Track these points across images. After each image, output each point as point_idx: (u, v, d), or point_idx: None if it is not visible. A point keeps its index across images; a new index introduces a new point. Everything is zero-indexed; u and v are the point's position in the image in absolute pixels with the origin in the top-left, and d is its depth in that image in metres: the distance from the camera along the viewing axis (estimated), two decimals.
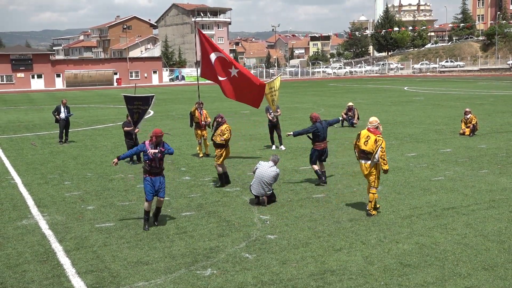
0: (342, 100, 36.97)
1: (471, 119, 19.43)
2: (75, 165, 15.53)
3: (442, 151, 16.43)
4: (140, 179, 13.46)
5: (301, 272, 7.39)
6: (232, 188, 12.30)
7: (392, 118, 25.47)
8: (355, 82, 69.97)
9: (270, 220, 9.82)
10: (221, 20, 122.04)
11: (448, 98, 37.07)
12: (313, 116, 12.55)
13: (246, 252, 8.19)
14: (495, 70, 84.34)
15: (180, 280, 7.24)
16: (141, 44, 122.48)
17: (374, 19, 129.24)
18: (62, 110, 19.75)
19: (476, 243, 8.32)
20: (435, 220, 9.51)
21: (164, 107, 36.37)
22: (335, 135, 20.56)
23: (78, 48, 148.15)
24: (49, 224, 9.85)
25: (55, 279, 7.35)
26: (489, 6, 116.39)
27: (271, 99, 17.14)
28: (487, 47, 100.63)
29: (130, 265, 7.80)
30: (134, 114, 15.23)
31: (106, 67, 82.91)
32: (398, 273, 7.29)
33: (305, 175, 13.44)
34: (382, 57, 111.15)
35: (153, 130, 9.75)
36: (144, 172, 9.66)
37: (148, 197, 9.46)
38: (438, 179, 12.65)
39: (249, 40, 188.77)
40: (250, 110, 31.81)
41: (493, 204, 10.49)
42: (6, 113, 34.73)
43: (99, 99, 48.70)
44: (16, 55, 77.16)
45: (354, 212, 10.19)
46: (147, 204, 9.43)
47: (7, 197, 11.94)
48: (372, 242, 8.50)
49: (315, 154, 12.42)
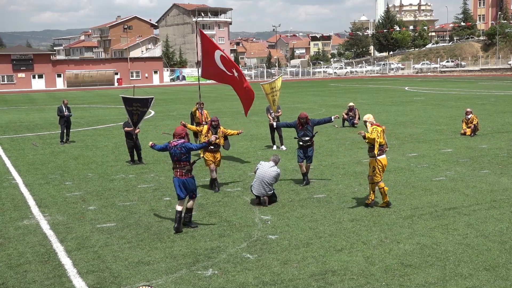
0: (343, 100, 36.98)
1: (472, 119, 19.41)
2: (76, 165, 15.54)
3: (443, 151, 16.43)
4: (141, 179, 13.49)
5: (302, 273, 7.39)
6: (233, 188, 12.30)
7: (393, 118, 25.46)
8: (356, 82, 69.97)
9: (271, 220, 9.82)
10: (221, 20, 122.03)
11: (449, 98, 37.05)
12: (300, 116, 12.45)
13: (247, 253, 8.19)
14: (496, 70, 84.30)
15: (181, 280, 7.24)
16: (142, 44, 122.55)
17: (375, 19, 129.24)
18: (64, 110, 19.78)
19: (477, 244, 8.32)
20: (436, 221, 9.51)
21: (165, 107, 36.37)
22: (336, 135, 20.56)
23: (79, 48, 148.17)
24: (50, 224, 9.85)
25: (56, 279, 7.36)
26: (490, 6, 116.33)
27: (272, 99, 17.13)
28: (488, 47, 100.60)
29: (131, 265, 7.80)
30: (133, 116, 15.25)
31: (107, 67, 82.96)
32: (399, 273, 7.29)
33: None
34: (383, 57, 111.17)
35: (175, 129, 9.62)
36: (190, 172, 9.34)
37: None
38: (439, 179, 12.64)
39: (250, 40, 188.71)
40: (251, 110, 31.81)
41: (494, 204, 10.49)
42: (7, 113, 34.75)
43: (100, 99, 48.72)
44: (17, 55, 77.22)
45: (355, 212, 10.18)
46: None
47: (8, 197, 11.94)
48: (373, 242, 8.50)
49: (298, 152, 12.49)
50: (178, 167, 9.25)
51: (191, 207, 9.45)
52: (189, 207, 9.41)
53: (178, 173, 9.26)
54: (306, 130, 12.28)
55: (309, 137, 12.30)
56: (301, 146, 12.34)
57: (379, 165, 10.24)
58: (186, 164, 9.22)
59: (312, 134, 12.38)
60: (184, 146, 9.21)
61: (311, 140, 12.34)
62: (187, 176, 9.24)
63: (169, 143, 9.46)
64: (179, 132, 9.47)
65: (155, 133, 22.40)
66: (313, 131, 12.45)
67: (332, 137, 20.10)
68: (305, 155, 12.33)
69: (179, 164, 9.24)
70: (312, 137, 12.38)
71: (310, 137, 12.31)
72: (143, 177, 13.72)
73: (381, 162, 10.26)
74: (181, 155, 9.19)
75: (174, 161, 9.33)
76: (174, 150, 9.27)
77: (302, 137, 12.30)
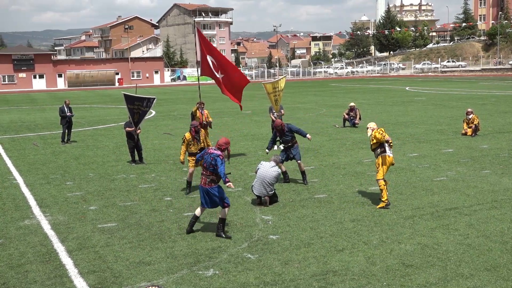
0: (344, 100, 36.97)
1: (473, 119, 19.40)
2: (77, 165, 15.55)
3: (444, 151, 16.42)
4: (142, 179, 13.49)
5: (303, 273, 7.39)
6: (234, 189, 12.28)
7: (393, 118, 25.45)
8: (357, 82, 69.95)
9: (272, 220, 9.82)
10: (222, 20, 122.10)
11: (450, 98, 37.04)
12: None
13: (248, 253, 8.19)
14: (496, 70, 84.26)
15: (182, 280, 7.24)
16: (143, 44, 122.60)
17: (376, 19, 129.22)
18: (65, 110, 19.79)
19: (479, 244, 8.31)
20: (437, 221, 9.51)
21: (165, 107, 36.38)
22: (337, 135, 20.56)
23: (79, 48, 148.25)
24: (51, 224, 9.86)
25: (57, 279, 7.36)
26: (490, 6, 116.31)
27: (274, 99, 17.13)
28: (488, 47, 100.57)
29: (132, 265, 7.80)
30: (135, 115, 15.24)
31: (108, 67, 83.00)
32: (401, 273, 7.28)
33: (307, 175, 13.41)
34: (384, 57, 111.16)
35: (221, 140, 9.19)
36: (214, 182, 8.99)
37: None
38: (440, 180, 12.64)
39: (251, 40, 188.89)
40: (252, 110, 31.83)
41: (495, 204, 10.48)
42: (8, 113, 34.77)
43: (101, 99, 48.73)
44: (18, 55, 77.27)
45: (356, 212, 10.18)
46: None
47: (9, 197, 11.95)
48: (374, 242, 8.50)
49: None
50: (204, 174, 8.98)
51: (223, 217, 8.97)
52: (221, 217, 8.98)
53: (202, 180, 8.99)
54: (285, 135, 12.69)
55: (289, 139, 12.70)
56: (285, 148, 12.78)
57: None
58: (211, 174, 8.89)
59: (291, 136, 12.76)
60: (216, 159, 8.81)
61: (292, 141, 12.72)
62: (210, 185, 8.90)
63: (207, 149, 9.16)
64: (221, 143, 9.08)
65: (155, 133, 22.41)
66: (291, 133, 12.80)
67: (333, 137, 20.10)
68: (289, 156, 12.67)
69: (205, 172, 8.96)
70: (292, 139, 12.71)
71: (290, 139, 12.71)
72: (144, 177, 13.73)
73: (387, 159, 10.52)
74: (210, 165, 8.88)
75: (202, 167, 9.05)
76: (207, 157, 8.98)
77: (284, 142, 12.79)
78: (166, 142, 19.75)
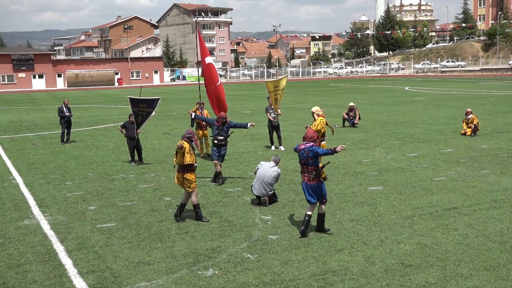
0: (343, 100, 36.97)
1: (472, 119, 19.41)
2: (76, 165, 15.55)
3: (443, 151, 16.43)
4: (141, 179, 13.49)
5: (302, 273, 7.39)
6: (233, 189, 12.31)
7: (393, 118, 25.46)
8: (356, 82, 69.96)
9: (272, 220, 9.82)
10: (222, 20, 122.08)
11: (449, 98, 37.05)
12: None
13: (247, 253, 8.20)
14: (496, 70, 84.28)
15: (182, 280, 7.25)
16: (142, 44, 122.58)
17: (375, 19, 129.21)
18: (64, 110, 19.80)
19: (478, 244, 8.32)
20: (436, 221, 9.51)
21: (165, 107, 36.37)
22: (336, 135, 20.54)
23: (79, 48, 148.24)
24: (50, 224, 9.86)
25: (56, 280, 7.36)
26: (490, 6, 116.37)
27: (275, 98, 17.13)
28: (488, 47, 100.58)
29: (131, 265, 7.80)
30: (138, 116, 15.30)
31: (107, 67, 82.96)
32: (400, 273, 7.29)
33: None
34: (383, 57, 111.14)
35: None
36: (318, 177, 8.85)
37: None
38: (440, 180, 12.64)
39: (250, 40, 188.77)
40: (251, 110, 31.83)
41: (494, 204, 10.49)
42: (8, 113, 34.76)
43: (100, 99, 48.72)
44: (17, 55, 77.21)
45: (355, 212, 10.19)
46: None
47: (8, 197, 11.95)
48: (374, 242, 8.50)
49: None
50: (306, 172, 8.79)
51: (322, 212, 8.97)
52: (320, 212, 8.98)
53: (306, 177, 8.81)
54: (222, 130, 12.80)
55: (224, 137, 12.83)
56: (216, 145, 12.82)
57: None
58: (313, 169, 8.71)
59: (227, 134, 12.89)
60: (312, 149, 8.70)
61: (225, 140, 12.87)
62: (315, 181, 8.75)
63: (298, 146, 9.01)
64: (309, 135, 8.92)
65: (155, 133, 22.41)
66: (228, 132, 12.94)
67: (333, 137, 20.10)
68: (219, 153, 12.80)
69: (307, 169, 8.77)
70: (226, 137, 12.91)
71: (224, 137, 12.84)
72: (143, 177, 13.73)
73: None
74: (307, 159, 8.71)
75: (301, 165, 8.87)
76: (301, 153, 8.79)
77: (217, 135, 12.84)
78: (165, 142, 19.75)
